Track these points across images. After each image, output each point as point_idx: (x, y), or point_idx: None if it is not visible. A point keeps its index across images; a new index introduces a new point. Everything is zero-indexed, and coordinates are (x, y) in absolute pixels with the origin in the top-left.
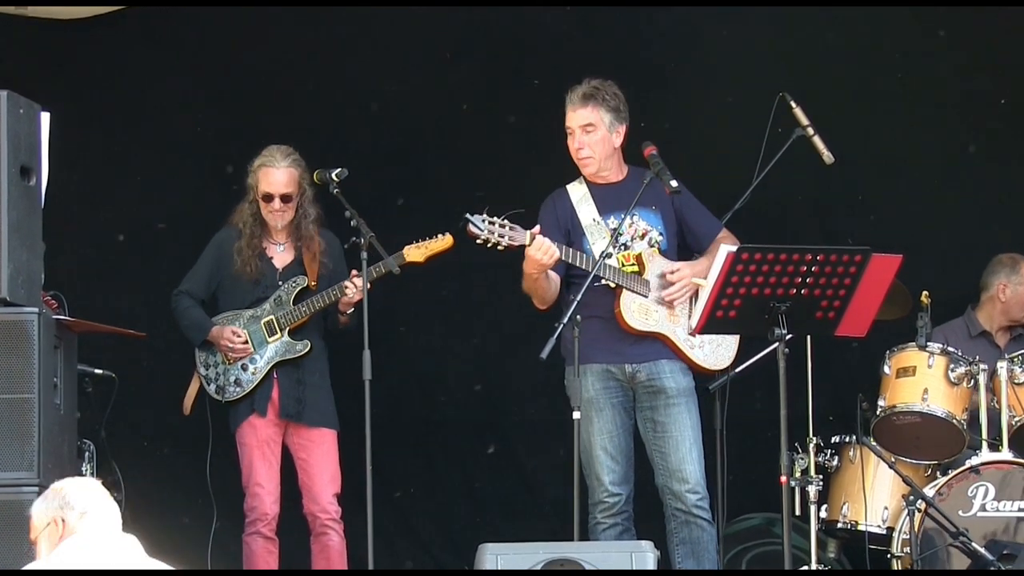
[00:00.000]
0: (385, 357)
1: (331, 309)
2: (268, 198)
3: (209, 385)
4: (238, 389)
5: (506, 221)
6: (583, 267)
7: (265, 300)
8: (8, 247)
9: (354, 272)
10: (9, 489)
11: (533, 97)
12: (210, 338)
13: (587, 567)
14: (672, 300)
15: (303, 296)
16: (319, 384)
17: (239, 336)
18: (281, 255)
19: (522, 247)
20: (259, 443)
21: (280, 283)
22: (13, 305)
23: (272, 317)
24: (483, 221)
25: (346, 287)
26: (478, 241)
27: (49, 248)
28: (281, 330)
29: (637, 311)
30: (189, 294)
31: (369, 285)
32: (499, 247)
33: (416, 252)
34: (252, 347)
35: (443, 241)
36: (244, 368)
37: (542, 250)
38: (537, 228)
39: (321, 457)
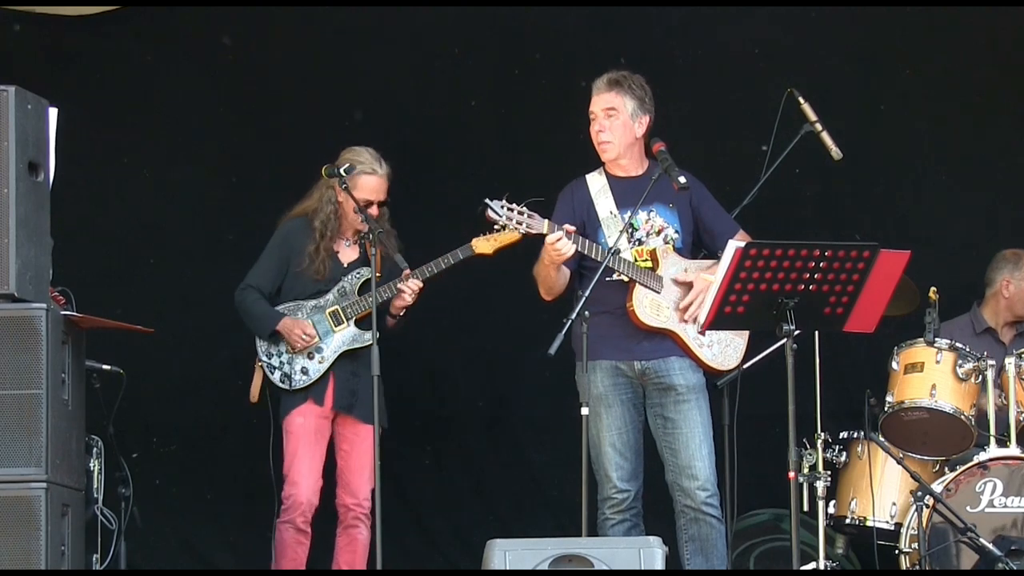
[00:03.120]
0: (394, 352)
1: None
2: (368, 205)
3: (273, 373)
4: (305, 378)
5: (524, 208)
6: (599, 260)
7: (327, 292)
8: (16, 243)
9: (407, 271)
10: (17, 485)
11: (541, 94)
12: (280, 328)
13: (595, 563)
14: (692, 316)
15: (367, 288)
16: (369, 379)
17: (310, 331)
18: (347, 251)
19: (540, 235)
20: (307, 432)
21: (343, 276)
22: (21, 301)
23: (338, 307)
24: (502, 207)
25: (402, 289)
26: (496, 227)
27: (57, 244)
28: (347, 319)
29: (649, 307)
30: (257, 288)
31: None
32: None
33: (485, 244)
34: (318, 337)
35: (513, 234)
36: (311, 356)
37: (561, 242)
38: (550, 222)
39: (365, 452)
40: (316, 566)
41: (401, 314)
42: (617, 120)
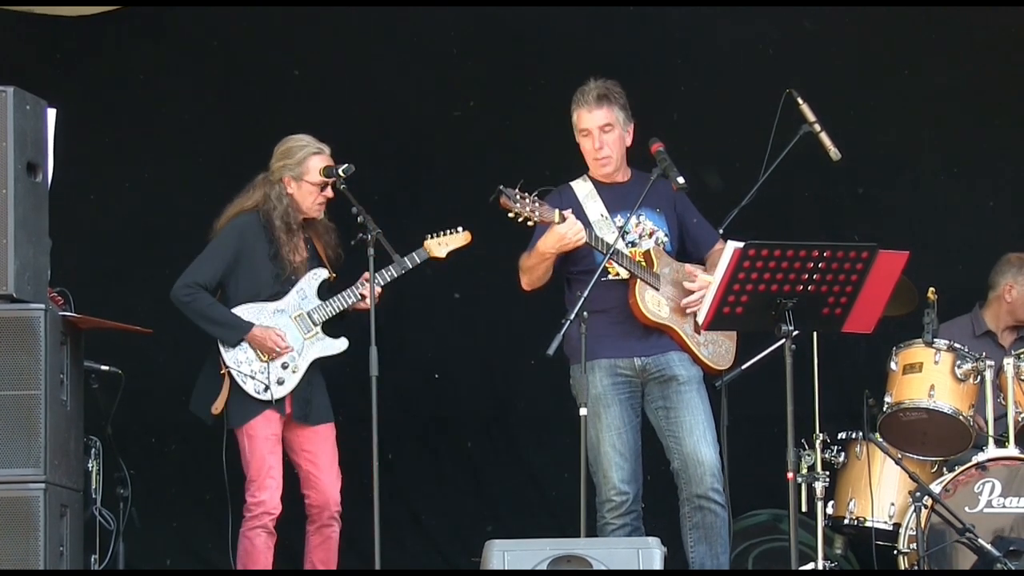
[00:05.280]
0: (392, 353)
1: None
2: (325, 186)
3: (246, 383)
4: (282, 388)
5: (536, 197)
6: (603, 252)
7: (285, 293)
8: (14, 243)
9: (365, 276)
10: (15, 486)
11: (540, 94)
12: (250, 339)
13: (594, 563)
14: (690, 308)
15: (323, 288)
16: (318, 381)
17: (283, 339)
18: (297, 247)
19: (550, 224)
20: (270, 437)
21: (294, 277)
22: (20, 301)
23: (302, 312)
24: (514, 194)
25: (363, 295)
26: (509, 214)
27: (56, 244)
28: (315, 325)
29: (650, 301)
30: (204, 287)
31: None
32: (529, 222)
33: (437, 248)
34: (290, 344)
35: (462, 236)
36: (284, 367)
37: (573, 230)
38: (569, 210)
39: (328, 452)
40: (285, 566)
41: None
42: (613, 134)
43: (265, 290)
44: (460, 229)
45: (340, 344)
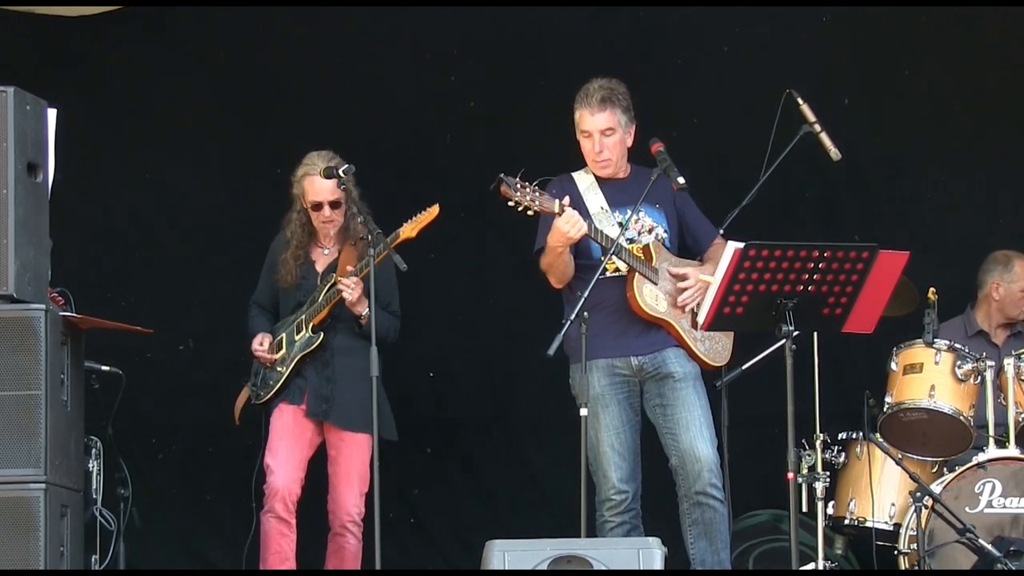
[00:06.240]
0: (393, 354)
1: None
2: (318, 207)
3: (254, 390)
4: (266, 389)
5: (537, 187)
6: (604, 244)
7: (306, 302)
8: (15, 244)
9: (350, 267)
10: (16, 486)
11: (540, 94)
12: None
13: (594, 564)
14: (686, 305)
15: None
16: (352, 384)
17: (262, 345)
18: (324, 258)
19: (550, 214)
20: (284, 425)
21: (319, 284)
22: (20, 302)
23: (302, 316)
24: (515, 183)
25: (339, 289)
26: (509, 203)
27: (56, 244)
28: (305, 326)
29: (648, 295)
30: (257, 303)
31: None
32: (528, 212)
33: (409, 229)
34: (284, 350)
35: (430, 212)
36: (275, 368)
37: (570, 222)
38: (567, 200)
39: (349, 461)
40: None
41: (364, 312)
42: (614, 137)
43: (292, 303)
44: (430, 207)
45: (314, 338)
